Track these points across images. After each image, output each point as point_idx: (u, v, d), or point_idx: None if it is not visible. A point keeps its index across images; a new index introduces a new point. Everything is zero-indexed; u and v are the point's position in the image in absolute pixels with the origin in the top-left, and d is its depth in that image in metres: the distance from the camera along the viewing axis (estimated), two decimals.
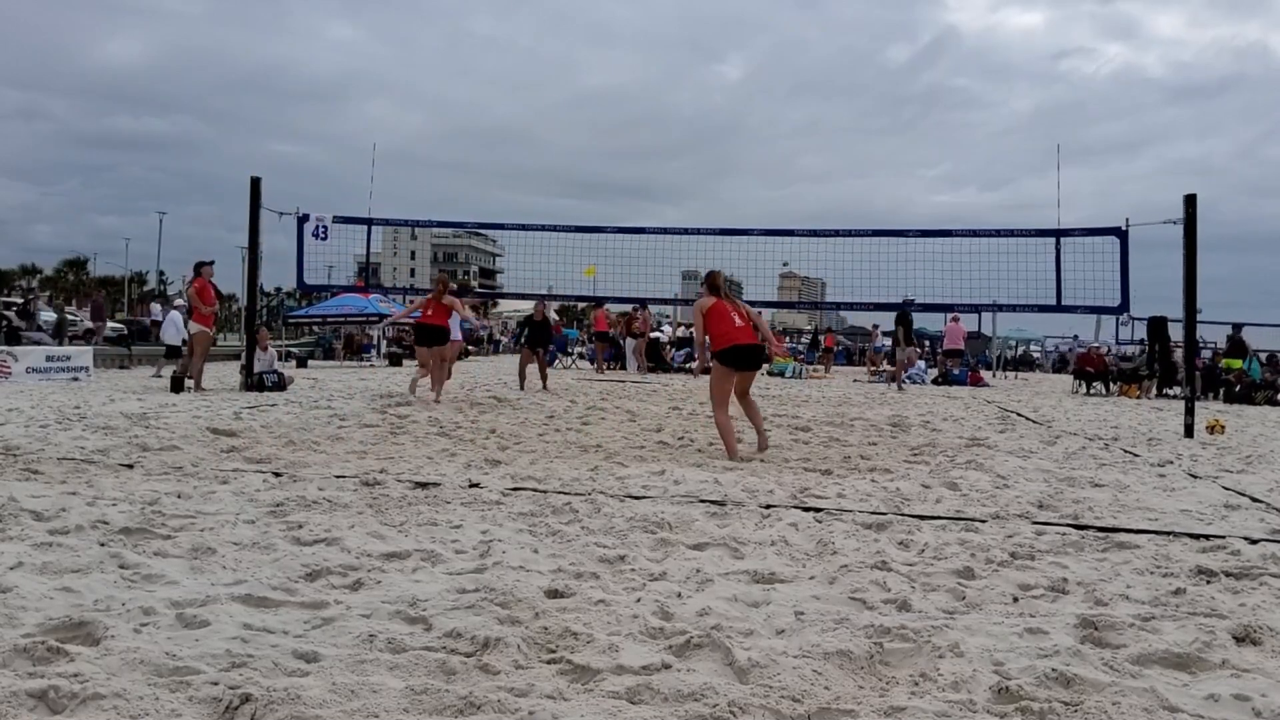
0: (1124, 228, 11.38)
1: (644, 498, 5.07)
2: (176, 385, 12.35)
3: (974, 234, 12.64)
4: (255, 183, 12.81)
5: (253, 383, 12.85)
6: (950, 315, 22.24)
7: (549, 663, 2.54)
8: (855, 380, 23.16)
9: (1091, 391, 19.73)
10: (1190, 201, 10.38)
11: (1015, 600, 3.27)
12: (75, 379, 14.95)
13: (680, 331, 32.00)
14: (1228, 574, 3.66)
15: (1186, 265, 10.30)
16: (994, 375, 27.40)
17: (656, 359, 24.76)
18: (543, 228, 13.80)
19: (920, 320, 31.26)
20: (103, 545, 3.61)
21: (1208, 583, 3.56)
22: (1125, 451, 8.02)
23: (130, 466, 5.63)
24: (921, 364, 24.80)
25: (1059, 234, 12.05)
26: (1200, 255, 10.32)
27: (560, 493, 5.16)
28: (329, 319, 29.98)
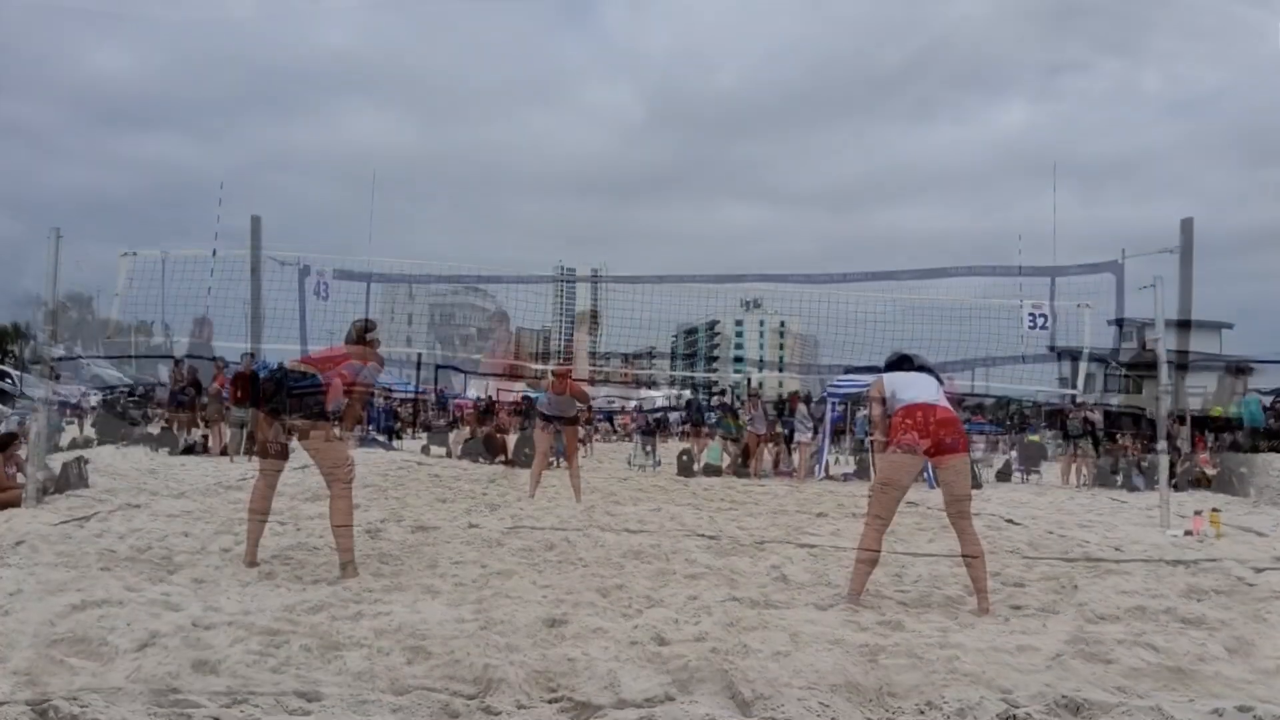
0: (1119, 260, 11.18)
1: (640, 532, 5.09)
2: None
3: (971, 272, 12.56)
4: (255, 222, 12.38)
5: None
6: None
7: (550, 701, 2.49)
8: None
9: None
10: (1186, 227, 10.20)
11: (1006, 620, 3.28)
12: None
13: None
14: (1218, 592, 3.67)
15: (1182, 295, 10.16)
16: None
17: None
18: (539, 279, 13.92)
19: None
20: (106, 570, 3.64)
21: (1198, 601, 3.57)
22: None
23: (138, 506, 5.65)
24: None
25: (1054, 272, 11.96)
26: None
27: (558, 529, 5.18)
28: None
